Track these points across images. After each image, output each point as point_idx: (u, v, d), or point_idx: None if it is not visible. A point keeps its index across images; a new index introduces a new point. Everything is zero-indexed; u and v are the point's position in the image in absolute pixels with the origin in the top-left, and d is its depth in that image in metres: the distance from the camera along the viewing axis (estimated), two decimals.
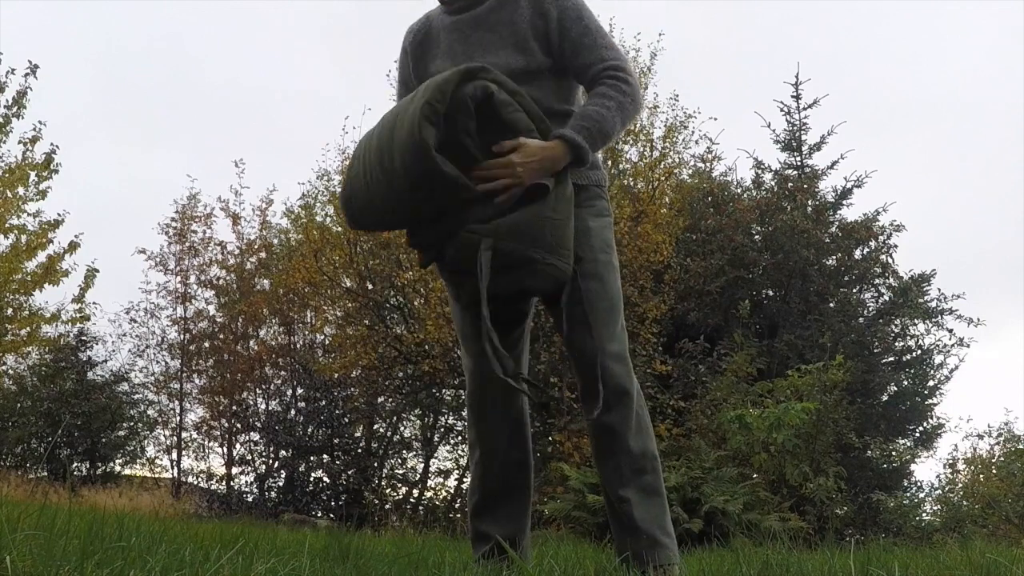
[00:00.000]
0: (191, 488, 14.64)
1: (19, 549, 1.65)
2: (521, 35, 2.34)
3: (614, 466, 2.31)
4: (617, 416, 2.29)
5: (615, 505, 2.31)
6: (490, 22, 2.39)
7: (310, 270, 11.97)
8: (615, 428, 2.30)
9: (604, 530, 6.25)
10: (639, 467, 2.31)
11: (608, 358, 2.29)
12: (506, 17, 2.37)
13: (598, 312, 2.30)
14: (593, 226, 2.36)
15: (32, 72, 11.34)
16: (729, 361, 9.77)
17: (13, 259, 11.43)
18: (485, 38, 2.38)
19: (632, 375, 2.35)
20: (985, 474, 13.06)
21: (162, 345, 15.87)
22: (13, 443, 14.87)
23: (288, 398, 14.73)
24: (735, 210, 11.75)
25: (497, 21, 2.38)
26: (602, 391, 2.26)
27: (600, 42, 2.35)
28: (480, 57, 2.33)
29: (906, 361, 11.67)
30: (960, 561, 2.39)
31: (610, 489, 2.32)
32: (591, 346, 2.28)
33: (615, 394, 2.29)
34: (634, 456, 2.30)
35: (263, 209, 15.98)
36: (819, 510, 7.76)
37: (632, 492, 2.29)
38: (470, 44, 2.40)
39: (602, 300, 2.32)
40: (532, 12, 2.35)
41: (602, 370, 2.27)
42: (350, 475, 13.73)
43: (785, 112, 12.64)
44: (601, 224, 2.39)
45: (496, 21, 2.38)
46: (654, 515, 2.30)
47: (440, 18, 2.50)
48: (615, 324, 2.34)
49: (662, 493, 2.34)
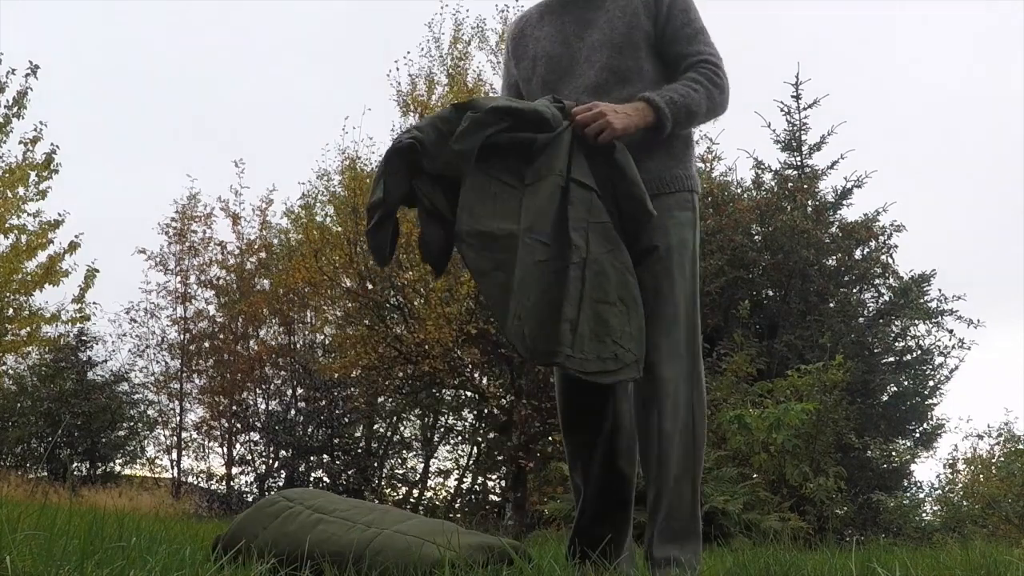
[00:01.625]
0: (191, 488, 14.65)
1: (19, 549, 1.65)
2: (623, 31, 2.34)
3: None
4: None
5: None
6: (594, 19, 2.39)
7: (310, 270, 11.97)
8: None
9: None
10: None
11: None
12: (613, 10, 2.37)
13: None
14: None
15: (32, 72, 11.34)
16: (729, 361, 9.76)
17: (13, 259, 11.42)
18: (586, 35, 2.38)
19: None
20: (985, 474, 13.06)
21: (162, 345, 15.90)
22: (13, 443, 14.88)
23: (288, 398, 14.74)
24: (735, 210, 11.74)
25: (601, 13, 2.38)
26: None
27: (701, 38, 2.36)
28: (578, 55, 2.36)
29: (906, 361, 11.67)
30: (960, 561, 2.39)
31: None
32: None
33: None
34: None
35: (263, 209, 16.01)
36: (819, 510, 7.76)
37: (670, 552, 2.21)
38: (568, 42, 2.41)
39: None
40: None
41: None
42: (350, 475, 13.75)
43: (785, 112, 12.64)
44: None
45: (600, 14, 2.38)
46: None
47: (548, 4, 2.50)
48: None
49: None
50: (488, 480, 14.54)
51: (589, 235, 2.12)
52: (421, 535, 2.10)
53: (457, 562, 1.93)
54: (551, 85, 2.39)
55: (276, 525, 2.25)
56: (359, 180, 11.96)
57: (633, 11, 2.34)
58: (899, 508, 9.43)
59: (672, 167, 2.34)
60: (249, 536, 2.22)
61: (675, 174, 2.34)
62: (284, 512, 2.28)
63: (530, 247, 2.05)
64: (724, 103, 2.35)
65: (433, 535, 2.09)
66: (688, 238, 2.32)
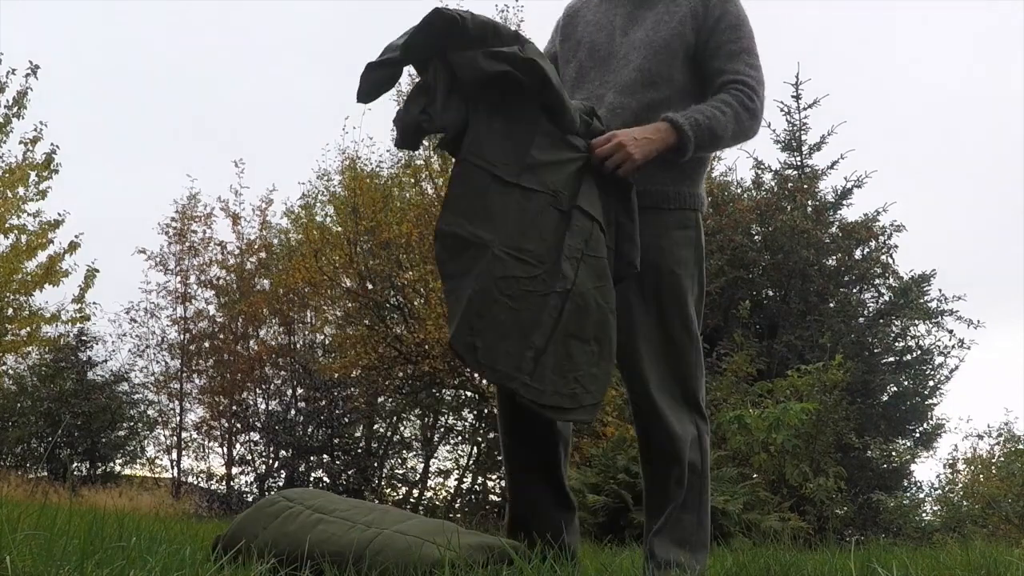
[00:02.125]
0: (191, 488, 14.64)
1: (19, 549, 1.65)
2: (665, 36, 2.28)
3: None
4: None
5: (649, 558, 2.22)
6: (643, 17, 2.33)
7: (310, 270, 11.97)
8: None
9: (604, 530, 6.25)
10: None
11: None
12: (660, 14, 2.30)
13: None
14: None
15: (33, 72, 11.34)
16: (729, 361, 9.76)
17: (13, 259, 11.42)
18: (631, 31, 2.33)
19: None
20: (985, 474, 13.07)
21: (162, 345, 15.88)
22: (13, 443, 14.87)
23: (288, 398, 14.73)
24: (735, 210, 11.75)
25: (652, 12, 2.32)
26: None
27: (744, 58, 2.27)
28: (619, 50, 2.31)
29: (906, 361, 11.67)
30: (960, 561, 2.39)
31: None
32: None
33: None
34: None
35: (263, 209, 15.99)
36: (819, 510, 7.76)
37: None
38: (613, 35, 2.36)
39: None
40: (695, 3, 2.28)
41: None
42: (350, 475, 13.74)
43: (785, 112, 12.64)
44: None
45: (651, 13, 2.32)
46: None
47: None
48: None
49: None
50: (488, 480, 14.52)
51: (580, 266, 2.05)
52: (421, 535, 2.10)
53: (457, 562, 1.93)
54: (586, 72, 2.36)
55: (276, 525, 2.25)
56: (359, 180, 11.96)
57: (681, 17, 2.28)
58: (899, 508, 9.43)
59: (679, 182, 2.29)
60: (249, 536, 2.22)
61: (680, 191, 2.29)
62: (284, 512, 2.28)
63: (500, 260, 1.98)
64: (753, 128, 2.27)
65: (433, 535, 2.08)
66: (686, 257, 2.27)
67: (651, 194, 2.24)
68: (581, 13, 2.45)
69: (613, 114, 2.26)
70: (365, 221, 11.47)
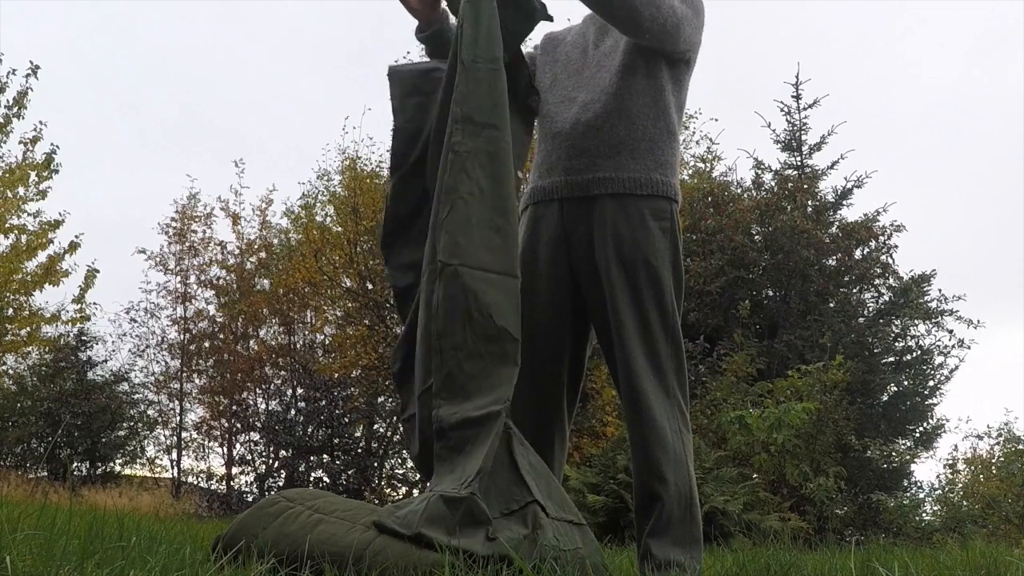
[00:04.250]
0: (191, 488, 14.64)
1: (19, 549, 1.65)
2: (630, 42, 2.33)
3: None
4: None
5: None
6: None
7: (310, 270, 11.98)
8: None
9: (604, 530, 6.25)
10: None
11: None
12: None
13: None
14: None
15: (33, 72, 11.34)
16: (729, 361, 9.77)
17: (13, 259, 11.42)
18: (601, 43, 2.41)
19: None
20: (985, 474, 13.07)
21: (162, 345, 15.88)
22: (13, 443, 14.86)
23: (288, 398, 14.72)
24: (735, 210, 11.75)
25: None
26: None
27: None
28: (592, 60, 2.40)
29: (906, 361, 11.66)
30: (960, 561, 2.39)
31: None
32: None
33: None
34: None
35: (263, 209, 15.99)
36: (819, 510, 7.76)
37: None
38: (586, 48, 2.45)
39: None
40: None
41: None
42: (350, 475, 13.73)
43: (785, 112, 12.64)
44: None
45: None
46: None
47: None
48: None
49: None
50: None
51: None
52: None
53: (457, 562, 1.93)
54: (560, 80, 2.44)
55: (276, 525, 2.25)
56: (359, 180, 11.96)
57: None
58: (899, 508, 9.42)
59: (651, 170, 2.29)
60: (249, 536, 2.21)
61: (652, 178, 2.29)
62: (284, 512, 2.28)
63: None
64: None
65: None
66: (661, 249, 2.26)
67: (623, 181, 2.26)
68: (562, 36, 2.55)
69: (584, 109, 2.32)
70: (365, 221, 11.47)
